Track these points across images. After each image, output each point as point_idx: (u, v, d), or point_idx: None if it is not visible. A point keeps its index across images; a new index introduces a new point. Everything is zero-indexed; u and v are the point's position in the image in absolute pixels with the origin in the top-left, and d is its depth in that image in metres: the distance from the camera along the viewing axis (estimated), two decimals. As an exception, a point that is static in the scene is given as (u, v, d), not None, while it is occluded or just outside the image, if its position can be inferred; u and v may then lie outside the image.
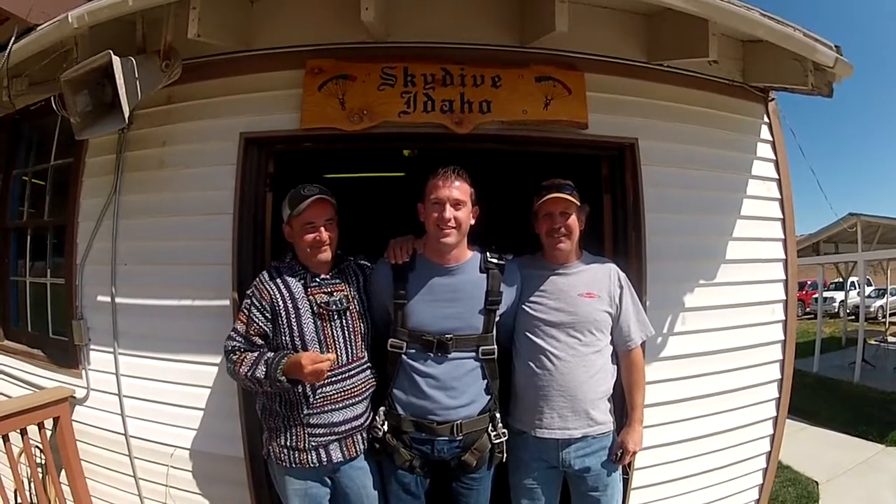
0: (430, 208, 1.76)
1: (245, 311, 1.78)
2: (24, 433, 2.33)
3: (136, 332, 2.36)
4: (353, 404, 1.79)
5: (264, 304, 1.76)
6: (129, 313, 2.37)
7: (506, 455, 1.86)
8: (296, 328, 1.75)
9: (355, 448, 1.80)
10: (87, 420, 2.47)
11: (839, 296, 14.19)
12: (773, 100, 2.62)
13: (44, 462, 2.41)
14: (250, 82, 2.22)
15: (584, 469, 1.86)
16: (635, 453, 1.95)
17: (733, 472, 2.54)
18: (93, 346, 2.46)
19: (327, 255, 1.80)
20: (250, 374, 1.69)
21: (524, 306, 1.89)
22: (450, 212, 1.73)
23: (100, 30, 2.05)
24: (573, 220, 1.89)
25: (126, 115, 1.94)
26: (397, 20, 2.15)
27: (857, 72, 2.12)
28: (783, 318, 2.62)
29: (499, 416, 1.85)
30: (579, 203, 1.90)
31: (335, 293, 1.81)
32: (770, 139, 2.62)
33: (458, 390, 1.76)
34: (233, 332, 1.78)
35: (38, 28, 2.17)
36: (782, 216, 2.62)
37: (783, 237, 2.63)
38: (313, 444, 1.74)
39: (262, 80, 2.21)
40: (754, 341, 2.55)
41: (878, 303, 15.28)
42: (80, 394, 2.49)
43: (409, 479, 1.80)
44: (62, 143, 2.71)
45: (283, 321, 1.76)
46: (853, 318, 12.19)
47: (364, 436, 1.83)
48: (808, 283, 16.20)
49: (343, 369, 1.78)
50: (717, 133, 2.49)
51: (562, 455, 1.85)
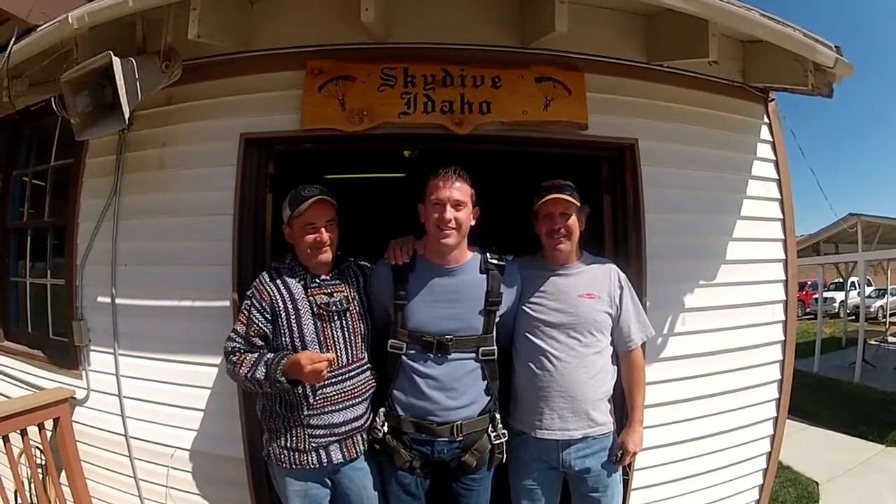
0: (431, 209, 1.76)
1: (245, 312, 1.78)
2: (24, 434, 2.33)
3: (137, 332, 2.36)
4: (353, 405, 1.79)
5: (264, 304, 1.76)
6: (130, 314, 2.37)
7: (506, 456, 1.86)
8: (296, 329, 1.75)
9: (355, 449, 1.80)
10: (87, 421, 2.48)
11: (839, 296, 14.19)
12: (773, 100, 2.62)
13: (44, 463, 2.41)
14: (250, 83, 2.22)
15: (585, 470, 1.86)
16: (635, 454, 1.95)
17: (733, 473, 2.54)
18: (93, 347, 2.46)
19: (328, 255, 1.80)
20: (250, 374, 1.69)
21: (524, 307, 1.89)
22: (450, 213, 1.73)
23: (100, 30, 2.05)
24: (573, 220, 1.89)
25: (126, 115, 1.94)
26: (397, 21, 2.15)
27: (858, 72, 2.12)
28: (783, 318, 2.62)
29: (499, 416, 1.85)
30: (579, 204, 1.90)
31: (335, 294, 1.81)
32: (770, 139, 2.62)
33: (458, 391, 1.76)
34: (233, 333, 1.78)
35: (39, 29, 2.18)
36: (782, 216, 2.62)
37: (783, 237, 2.63)
38: (313, 445, 1.74)
39: (263, 80, 2.21)
40: (754, 342, 2.55)
41: (879, 303, 15.28)
42: (80, 394, 2.49)
43: (409, 480, 1.80)
44: (62, 143, 2.71)
45: (283, 322, 1.75)
46: (853, 318, 12.19)
47: (364, 437, 1.83)
48: (809, 283, 16.21)
49: (343, 370, 1.78)
50: (717, 133, 2.49)
51: (562, 456, 1.85)
